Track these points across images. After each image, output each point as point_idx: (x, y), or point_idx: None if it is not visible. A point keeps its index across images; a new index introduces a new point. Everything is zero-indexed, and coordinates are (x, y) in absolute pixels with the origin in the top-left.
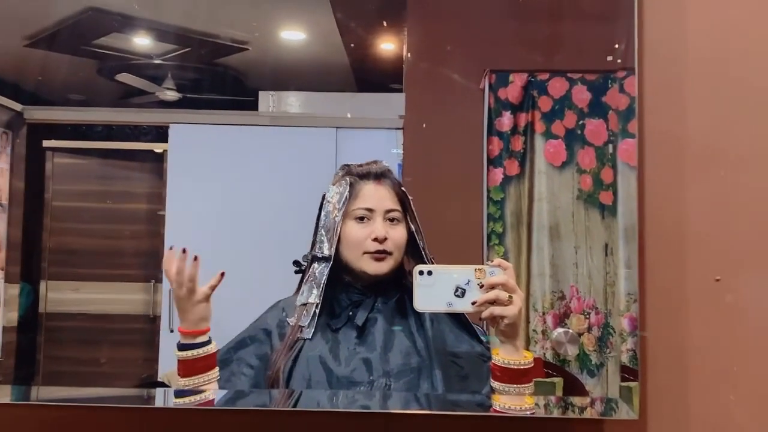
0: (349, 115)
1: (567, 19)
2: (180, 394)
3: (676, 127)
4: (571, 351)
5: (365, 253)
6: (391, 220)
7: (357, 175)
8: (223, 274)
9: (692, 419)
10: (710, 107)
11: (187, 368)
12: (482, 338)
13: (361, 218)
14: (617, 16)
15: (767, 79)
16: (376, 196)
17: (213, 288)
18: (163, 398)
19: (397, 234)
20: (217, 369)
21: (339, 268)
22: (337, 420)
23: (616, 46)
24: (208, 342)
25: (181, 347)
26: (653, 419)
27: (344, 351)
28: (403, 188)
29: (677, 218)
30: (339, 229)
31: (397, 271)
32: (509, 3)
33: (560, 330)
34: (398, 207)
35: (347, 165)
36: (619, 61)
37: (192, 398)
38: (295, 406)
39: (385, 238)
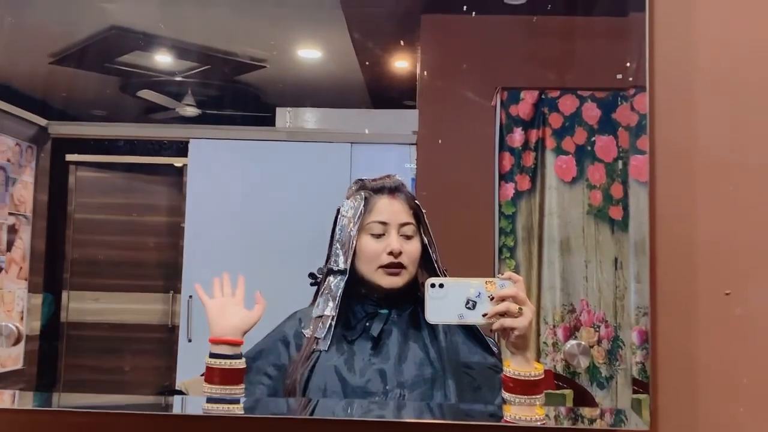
0: (366, 131)
1: (578, 38)
2: (212, 400)
3: (687, 143)
4: (583, 363)
5: (380, 267)
6: (406, 236)
7: (371, 189)
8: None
9: (702, 430)
10: (720, 124)
11: (215, 377)
12: (494, 349)
13: (378, 235)
14: (628, 35)
15: None
16: (391, 209)
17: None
18: (181, 406)
19: (412, 248)
20: (243, 386)
21: (354, 280)
22: (352, 428)
23: (627, 64)
24: (239, 356)
25: (212, 355)
26: (664, 430)
27: (359, 362)
28: (416, 201)
29: (688, 232)
30: (354, 243)
31: (412, 284)
32: (521, 22)
33: (573, 342)
34: (412, 220)
35: (361, 179)
36: (630, 79)
37: (222, 406)
38: (311, 414)
39: (400, 252)
